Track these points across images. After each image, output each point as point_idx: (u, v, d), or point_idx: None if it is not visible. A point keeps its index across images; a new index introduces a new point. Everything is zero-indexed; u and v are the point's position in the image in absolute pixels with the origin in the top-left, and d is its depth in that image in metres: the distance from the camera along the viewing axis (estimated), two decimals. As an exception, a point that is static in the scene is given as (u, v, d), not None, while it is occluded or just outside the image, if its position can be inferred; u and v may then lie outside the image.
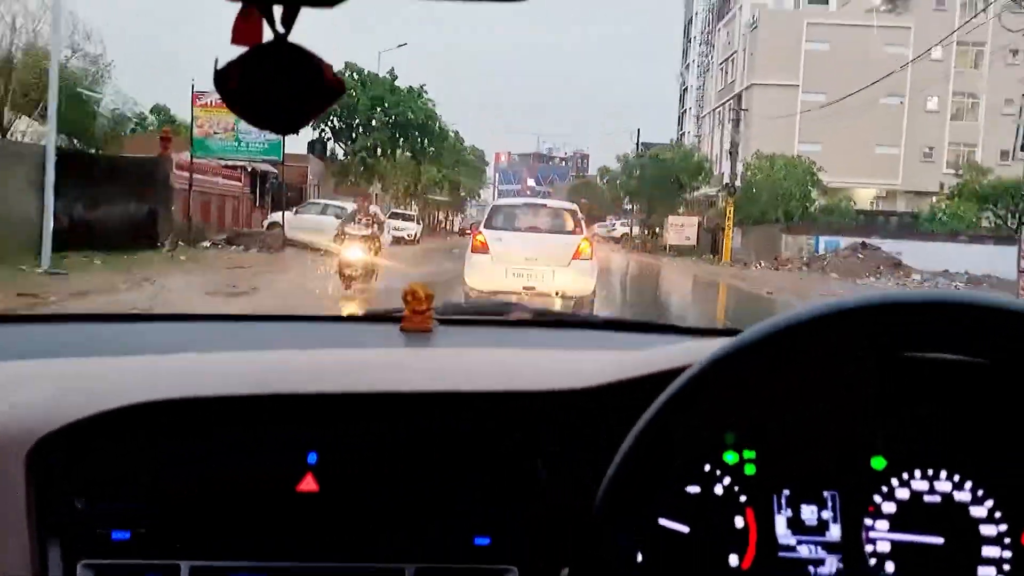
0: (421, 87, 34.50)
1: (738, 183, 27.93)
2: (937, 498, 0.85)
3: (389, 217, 30.47)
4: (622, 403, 0.63)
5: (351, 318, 1.30)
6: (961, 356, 0.63)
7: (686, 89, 66.99)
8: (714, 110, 51.16)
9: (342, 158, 35.92)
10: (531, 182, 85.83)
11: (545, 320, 1.17)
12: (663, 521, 0.81)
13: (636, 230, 42.59)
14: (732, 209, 26.59)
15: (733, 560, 0.84)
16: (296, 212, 20.82)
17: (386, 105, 33.68)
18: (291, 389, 0.82)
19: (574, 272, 8.82)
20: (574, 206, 10.22)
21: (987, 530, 0.85)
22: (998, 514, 0.84)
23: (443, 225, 57.67)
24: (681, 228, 38.05)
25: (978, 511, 0.84)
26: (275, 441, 0.80)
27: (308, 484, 0.81)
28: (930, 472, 0.86)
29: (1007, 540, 0.83)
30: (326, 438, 0.80)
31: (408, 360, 0.95)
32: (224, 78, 0.83)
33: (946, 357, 0.71)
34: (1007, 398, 0.80)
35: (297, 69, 0.81)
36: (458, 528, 0.79)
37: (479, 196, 56.30)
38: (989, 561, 0.84)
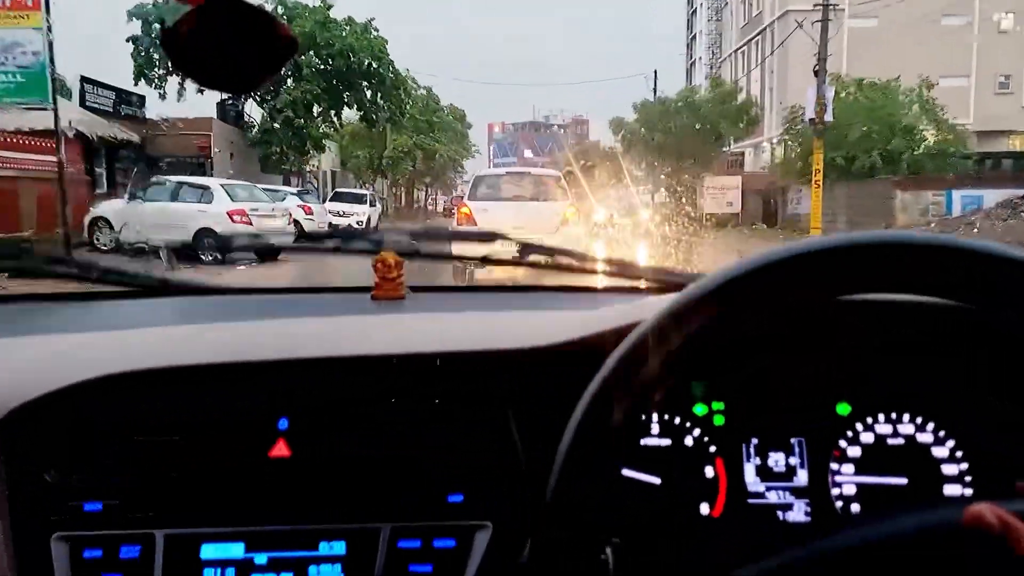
0: (368, 21, 27.98)
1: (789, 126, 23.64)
2: (900, 440, 0.92)
3: (331, 199, 25.25)
4: (587, 359, 0.74)
5: (322, 289, 1.34)
6: (911, 296, 0.72)
7: (694, 36, 62.16)
8: (736, 51, 45.20)
9: (262, 122, 28.21)
10: (528, 153, 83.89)
11: (514, 287, 1.26)
12: (636, 473, 0.89)
13: (659, 196, 29.78)
14: (822, 153, 20.39)
15: (704, 509, 0.90)
16: (130, 198, 14.57)
17: (319, 44, 26.26)
18: (260, 357, 0.88)
19: (562, 240, 8.10)
20: (558, 173, 10.40)
21: (948, 469, 0.91)
22: (959, 453, 0.91)
23: (423, 204, 43.67)
24: (721, 192, 30.46)
25: (940, 451, 0.92)
26: (246, 409, 0.87)
27: (280, 450, 0.87)
28: (893, 416, 0.92)
29: (968, 478, 0.90)
30: (297, 404, 0.87)
31: (378, 325, 1.02)
32: (172, 37, 0.80)
33: (904, 300, 0.79)
34: (964, 340, 0.88)
35: (247, 25, 0.79)
36: (432, 487, 0.86)
37: (462, 168, 43.98)
38: (951, 499, 0.90)
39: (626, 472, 0.87)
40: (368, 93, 26.99)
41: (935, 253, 0.62)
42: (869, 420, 0.90)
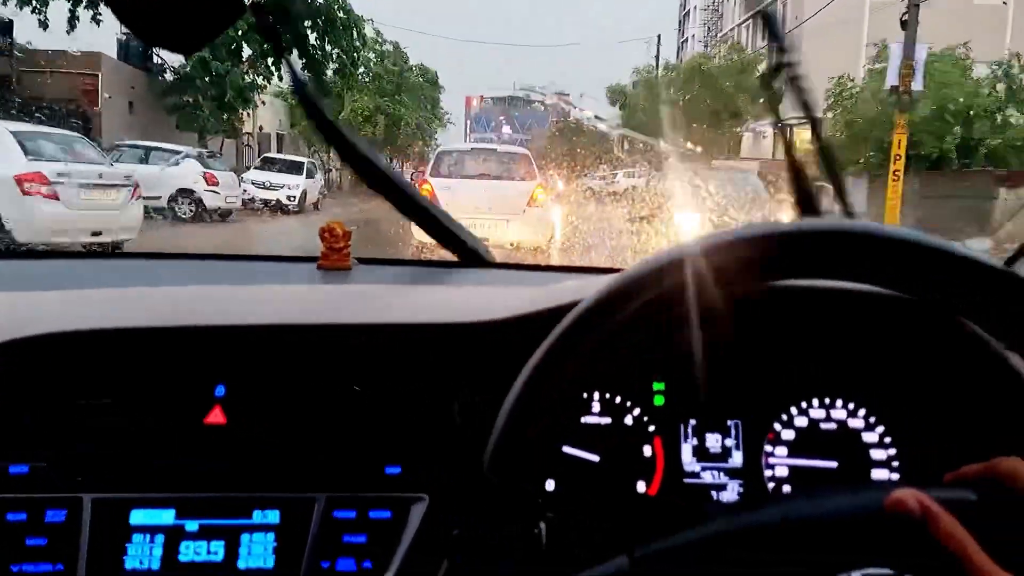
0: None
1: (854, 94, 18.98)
2: (833, 425, 0.98)
3: (258, 166, 20.50)
4: (530, 335, 0.76)
5: (267, 257, 1.36)
6: (837, 283, 0.79)
7: (687, 13, 58.76)
8: (741, 24, 39.46)
9: (176, 69, 22.82)
10: (507, 129, 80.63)
11: (462, 262, 1.27)
12: (573, 451, 0.95)
13: (655, 181, 22.51)
14: (904, 137, 15.27)
15: (641, 487, 0.96)
16: None
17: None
18: (199, 322, 0.92)
19: (529, 221, 8.76)
20: (526, 150, 10.21)
21: (877, 454, 0.97)
22: (888, 439, 0.97)
23: None
24: (731, 180, 21.38)
25: (870, 437, 0.97)
26: (182, 374, 0.91)
27: (216, 416, 0.90)
28: (827, 400, 0.98)
29: (895, 463, 0.97)
30: (235, 371, 0.92)
31: (322, 295, 1.07)
32: None
33: (840, 286, 0.86)
34: (897, 328, 0.94)
35: None
36: (369, 458, 0.91)
37: (434, 140, 37.54)
38: (878, 483, 0.95)
39: (565, 449, 0.93)
40: (313, 36, 20.75)
41: (861, 242, 0.68)
42: (803, 404, 0.97)
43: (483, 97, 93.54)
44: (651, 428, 0.96)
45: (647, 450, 0.95)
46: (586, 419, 0.96)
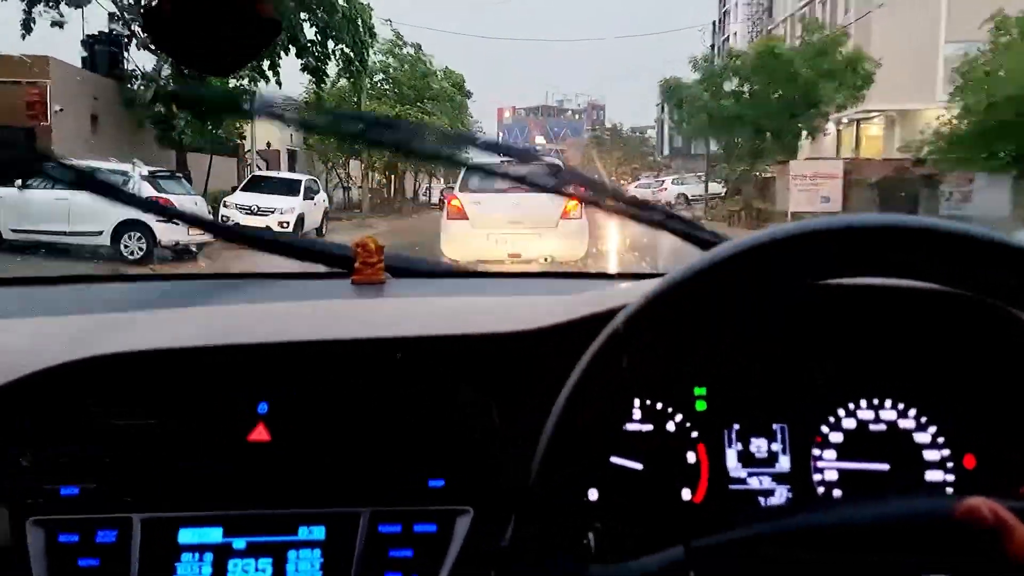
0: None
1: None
2: (882, 426, 0.98)
3: (244, 187, 17.04)
4: (571, 343, 0.79)
5: (301, 275, 1.37)
6: (894, 280, 0.80)
7: (727, 11, 52.08)
8: (799, 11, 33.80)
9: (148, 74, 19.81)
10: (540, 139, 77.45)
11: (493, 272, 1.42)
12: (617, 459, 0.97)
13: (715, 187, 17.11)
14: None
15: (686, 495, 0.98)
16: None
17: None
18: (239, 340, 0.97)
19: (563, 234, 8.31)
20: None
21: (930, 455, 0.98)
22: (941, 439, 0.98)
23: (414, 193, 31.74)
24: (812, 184, 20.92)
25: (922, 437, 0.98)
26: (225, 392, 0.97)
27: (260, 434, 0.94)
28: (875, 401, 0.99)
29: (949, 464, 0.97)
30: (277, 387, 0.97)
31: (358, 309, 1.12)
32: (155, 17, 0.78)
33: (888, 284, 0.88)
34: (948, 325, 0.96)
35: (229, 6, 0.78)
36: (412, 472, 0.94)
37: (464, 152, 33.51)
38: (933, 484, 0.97)
39: (616, 460, 0.98)
40: (314, 31, 17.00)
41: (923, 237, 0.67)
42: (851, 406, 0.99)
43: (515, 108, 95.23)
44: (694, 434, 0.99)
45: (691, 456, 0.98)
46: (628, 426, 0.99)
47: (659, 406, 0.98)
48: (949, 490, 0.95)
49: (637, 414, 0.99)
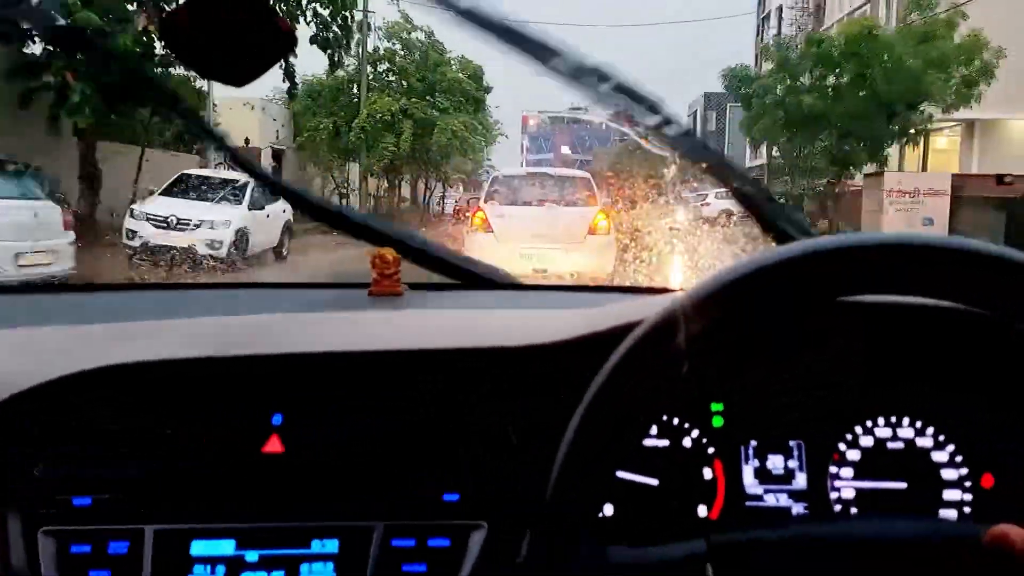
0: None
1: None
2: (900, 444, 1.00)
3: (164, 191, 12.28)
4: (587, 357, 0.81)
5: (318, 285, 1.50)
6: (913, 298, 0.80)
7: (767, 16, 47.96)
8: (857, 9, 28.86)
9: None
10: (565, 149, 73.06)
11: (512, 284, 1.33)
12: (633, 476, 1.00)
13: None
14: None
15: (702, 511, 1.00)
16: None
17: None
18: (254, 351, 1.00)
19: (590, 250, 8.10)
20: (586, 174, 9.50)
21: (948, 474, 1.00)
22: (959, 458, 1.01)
23: (423, 201, 33.86)
24: (914, 202, 16.63)
25: (939, 456, 1.00)
26: (239, 404, 0.99)
27: (273, 446, 0.96)
28: (893, 419, 1.01)
29: (967, 483, 1.00)
30: (291, 399, 1.00)
31: (375, 321, 1.15)
32: (172, 26, 0.75)
33: (906, 301, 0.89)
34: (967, 344, 0.98)
35: (245, 16, 0.76)
36: (426, 485, 0.96)
37: (483, 156, 27.82)
38: (950, 504, 0.99)
39: (624, 475, 1.01)
40: None
41: (941, 255, 0.70)
42: (869, 423, 1.02)
43: (540, 115, 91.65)
44: (711, 450, 1.02)
45: (707, 473, 1.01)
46: (645, 442, 1.03)
47: (676, 421, 1.01)
48: (967, 509, 0.98)
49: (654, 429, 1.02)
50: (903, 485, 0.95)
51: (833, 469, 0.97)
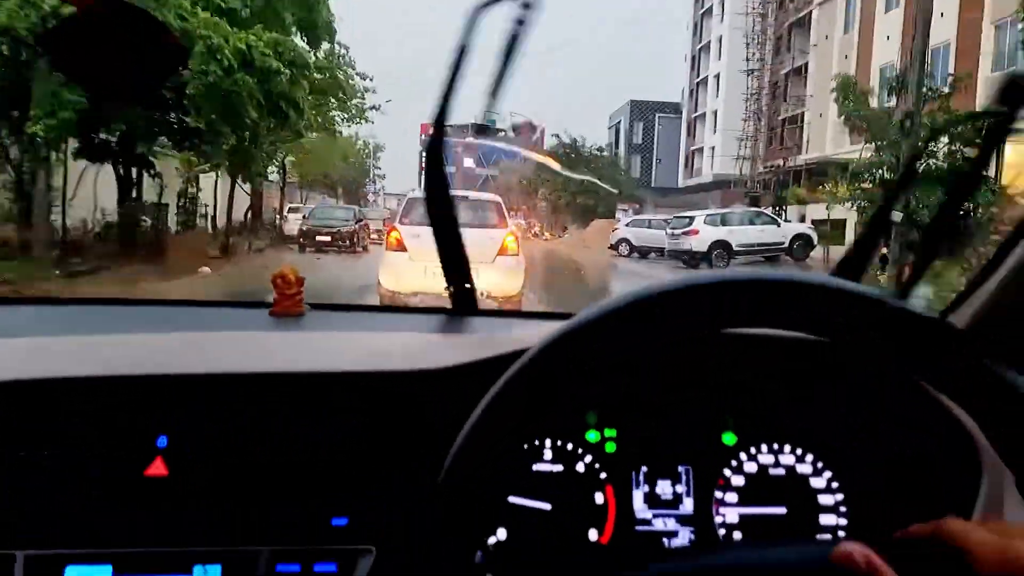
0: None
1: None
2: (781, 471, 1.05)
3: None
4: (477, 383, 0.83)
5: (219, 303, 1.43)
6: (785, 332, 0.83)
7: (706, 45, 46.78)
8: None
9: None
10: (469, 162, 66.21)
11: (414, 307, 1.42)
12: (526, 500, 1.03)
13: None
14: None
15: (593, 535, 1.04)
16: None
17: None
18: (141, 371, 1.02)
19: (499, 270, 8.62)
20: (497, 198, 10.09)
21: (825, 500, 1.05)
22: (835, 484, 1.06)
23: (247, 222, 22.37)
24: None
25: (817, 482, 1.05)
26: (123, 425, 1.00)
27: (157, 468, 0.97)
28: (775, 446, 1.06)
29: (842, 509, 1.05)
30: (178, 421, 1.01)
31: (271, 342, 1.15)
32: (54, 39, 0.71)
33: (785, 335, 0.92)
34: (842, 375, 1.04)
35: (133, 31, 0.72)
36: (315, 509, 0.99)
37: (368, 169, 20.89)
38: (826, 528, 1.04)
39: (516, 500, 1.04)
40: None
41: (786, 290, 0.74)
42: (753, 450, 1.07)
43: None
44: (603, 475, 1.06)
45: (599, 497, 1.05)
46: (537, 467, 1.06)
47: (569, 447, 1.03)
48: (842, 533, 1.01)
49: (548, 454, 1.04)
50: (783, 510, 0.99)
51: (719, 494, 1.00)
